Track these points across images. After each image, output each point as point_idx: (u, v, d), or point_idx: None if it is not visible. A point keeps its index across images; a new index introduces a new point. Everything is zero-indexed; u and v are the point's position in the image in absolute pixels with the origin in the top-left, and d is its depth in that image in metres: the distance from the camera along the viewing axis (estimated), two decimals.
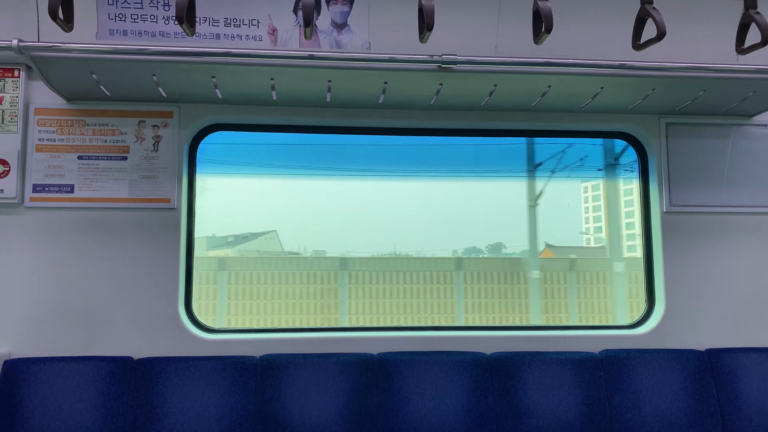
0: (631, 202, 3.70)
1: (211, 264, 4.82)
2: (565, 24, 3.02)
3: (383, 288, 4.84)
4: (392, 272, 4.83)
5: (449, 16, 2.98)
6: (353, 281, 4.77)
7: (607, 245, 4.92)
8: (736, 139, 3.30)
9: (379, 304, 4.78)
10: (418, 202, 4.61)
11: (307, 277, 4.67)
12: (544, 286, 4.82)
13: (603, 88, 2.83)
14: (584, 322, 4.92)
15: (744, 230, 3.26)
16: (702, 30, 3.09)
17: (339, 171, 4.12)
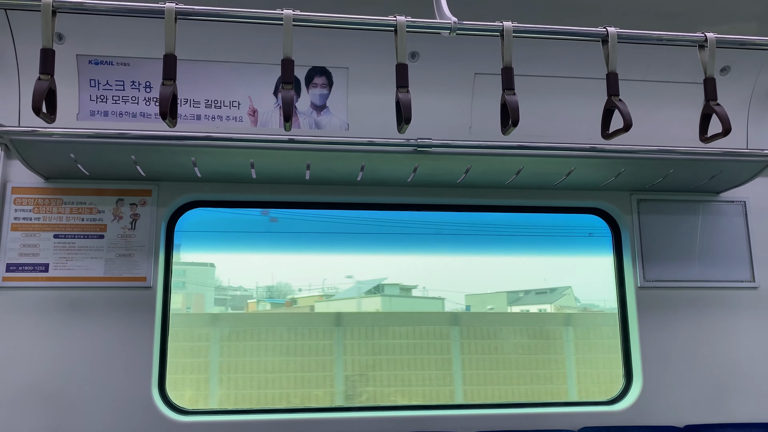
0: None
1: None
2: (537, 105, 3.13)
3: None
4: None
5: (425, 98, 3.06)
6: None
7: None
8: (705, 214, 3.38)
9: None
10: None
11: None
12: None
13: (575, 168, 2.92)
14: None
15: (717, 305, 3.31)
16: (671, 111, 3.21)
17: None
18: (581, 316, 5.38)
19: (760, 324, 3.32)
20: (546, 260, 4.92)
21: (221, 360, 4.38)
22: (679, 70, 3.11)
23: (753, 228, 3.39)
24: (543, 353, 4.64)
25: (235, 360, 4.39)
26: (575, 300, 5.90)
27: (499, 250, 4.47)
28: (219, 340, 4.45)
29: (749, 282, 3.33)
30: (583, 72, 3.04)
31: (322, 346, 4.45)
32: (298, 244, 4.31)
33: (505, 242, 4.38)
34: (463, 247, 4.45)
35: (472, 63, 3.03)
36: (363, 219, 3.89)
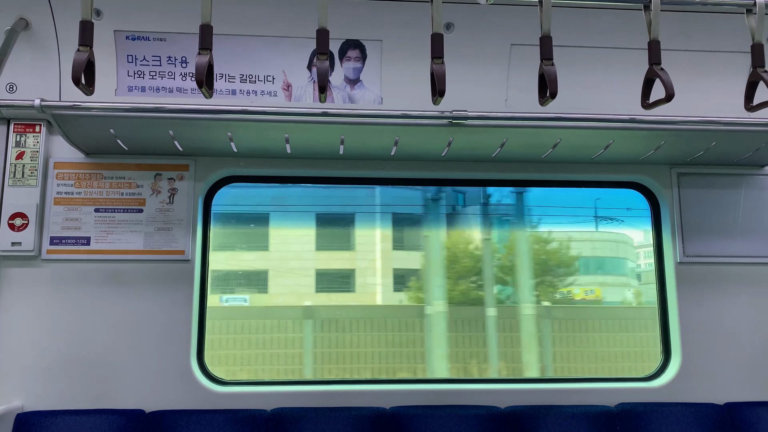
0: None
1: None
2: (575, 76, 3.06)
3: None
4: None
5: (460, 70, 3.02)
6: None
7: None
8: (749, 189, 3.29)
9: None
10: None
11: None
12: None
13: (613, 141, 2.85)
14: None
15: (758, 281, 3.23)
16: (714, 81, 3.12)
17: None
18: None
19: None
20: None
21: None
22: (724, 38, 3.01)
23: None
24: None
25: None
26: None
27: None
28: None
29: None
30: (623, 42, 2.97)
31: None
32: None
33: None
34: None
35: (508, 34, 2.98)
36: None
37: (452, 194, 4.51)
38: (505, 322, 4.48)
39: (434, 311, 4.46)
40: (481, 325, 4.45)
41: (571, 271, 5.17)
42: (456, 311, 4.46)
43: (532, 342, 4.37)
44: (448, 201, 4.53)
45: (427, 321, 4.41)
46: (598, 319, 4.86)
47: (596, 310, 5.20)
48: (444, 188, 4.25)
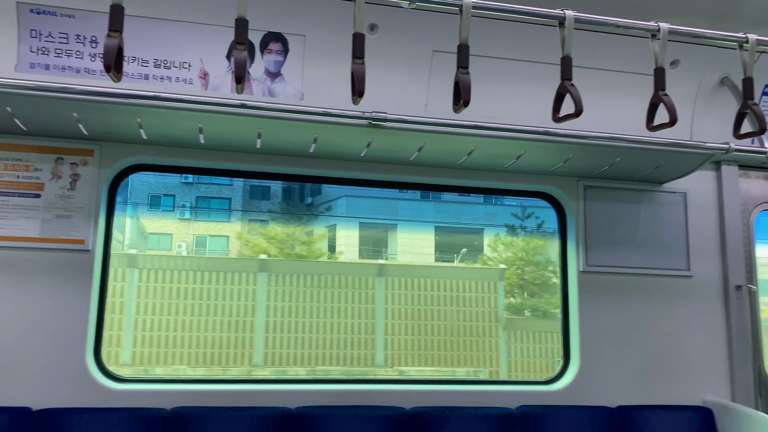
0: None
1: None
2: (494, 86, 3.14)
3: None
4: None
5: (383, 72, 3.04)
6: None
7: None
8: (648, 204, 3.49)
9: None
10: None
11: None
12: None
13: (525, 151, 2.95)
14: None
15: (654, 291, 3.42)
16: (621, 101, 3.28)
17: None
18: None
19: (693, 311, 3.45)
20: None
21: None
22: (632, 60, 3.18)
23: (691, 219, 3.51)
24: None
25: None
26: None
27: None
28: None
29: (685, 271, 3.46)
30: (540, 56, 3.07)
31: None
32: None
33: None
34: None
35: (431, 40, 3.01)
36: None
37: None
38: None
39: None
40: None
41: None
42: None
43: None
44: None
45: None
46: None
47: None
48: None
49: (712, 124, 3.42)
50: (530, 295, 9.20)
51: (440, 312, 5.54)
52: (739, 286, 3.48)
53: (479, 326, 5.62)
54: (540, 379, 3.34)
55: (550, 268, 8.10)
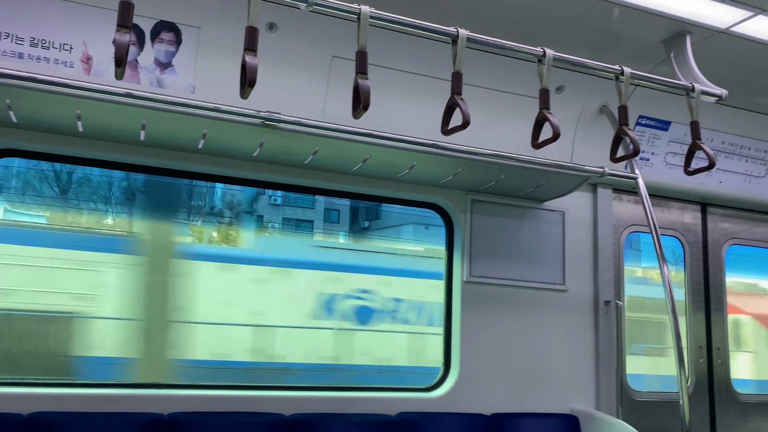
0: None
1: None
2: (391, 97, 3.19)
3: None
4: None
5: (281, 73, 3.00)
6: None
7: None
8: (530, 220, 3.66)
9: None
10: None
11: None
12: None
13: (417, 162, 3.01)
14: None
15: (532, 303, 3.59)
16: (509, 121, 3.43)
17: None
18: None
19: (566, 324, 3.66)
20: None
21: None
22: (520, 83, 3.33)
23: (568, 236, 3.72)
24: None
25: None
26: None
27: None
28: None
29: (560, 285, 3.66)
30: (436, 72, 3.15)
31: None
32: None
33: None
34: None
35: (331, 45, 3.01)
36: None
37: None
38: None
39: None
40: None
41: None
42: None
43: None
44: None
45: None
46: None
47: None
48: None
49: (590, 149, 3.65)
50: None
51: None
52: (608, 302, 3.73)
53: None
54: (419, 386, 3.40)
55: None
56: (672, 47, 3.16)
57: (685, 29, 3.05)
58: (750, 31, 3.02)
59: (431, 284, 4.94)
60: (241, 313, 5.89)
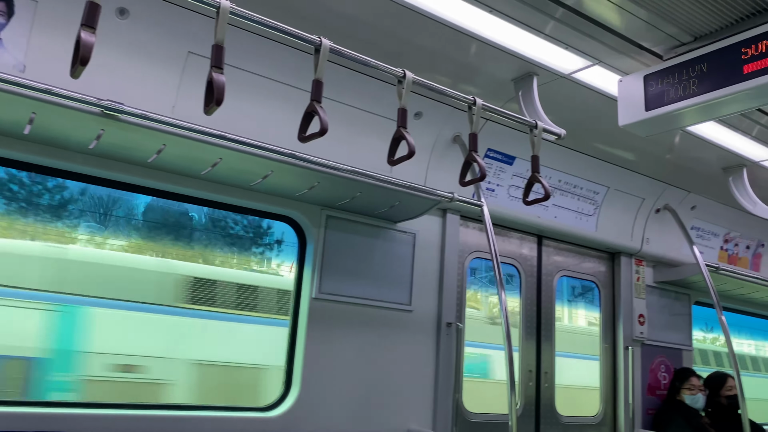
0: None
1: None
2: (247, 102, 3.08)
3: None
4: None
5: (130, 62, 2.78)
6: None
7: None
8: (384, 240, 3.70)
9: None
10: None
11: None
12: None
13: (273, 172, 2.92)
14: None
15: (379, 323, 3.61)
16: (370, 140, 3.46)
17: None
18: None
19: (410, 344, 3.71)
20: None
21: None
22: (381, 104, 3.38)
23: (417, 258, 3.81)
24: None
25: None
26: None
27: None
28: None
29: (407, 305, 3.72)
30: (297, 81, 3.10)
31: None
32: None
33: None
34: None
35: (187, 40, 2.86)
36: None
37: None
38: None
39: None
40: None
41: None
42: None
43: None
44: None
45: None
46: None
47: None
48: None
49: (442, 175, 3.78)
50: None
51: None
52: (450, 323, 3.85)
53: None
54: (258, 405, 3.26)
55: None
56: (520, 86, 3.38)
57: (532, 71, 3.28)
58: (588, 79, 3.32)
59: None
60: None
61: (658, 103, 3.01)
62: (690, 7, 2.67)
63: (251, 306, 4.43)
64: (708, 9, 2.68)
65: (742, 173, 4.46)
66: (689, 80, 2.87)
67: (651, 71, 3.06)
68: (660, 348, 5.06)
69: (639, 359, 4.86)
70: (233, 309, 4.37)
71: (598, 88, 3.39)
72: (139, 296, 4.00)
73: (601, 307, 4.94)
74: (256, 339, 4.28)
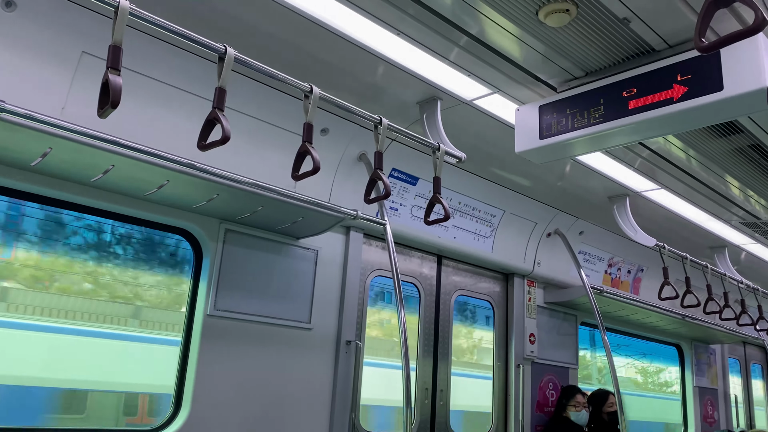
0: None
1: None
2: (146, 108, 2.95)
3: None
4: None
5: (16, 59, 2.59)
6: None
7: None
8: (285, 257, 3.64)
9: None
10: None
11: None
12: None
13: (169, 181, 2.80)
14: None
15: (277, 341, 3.53)
16: (276, 155, 3.40)
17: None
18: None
19: (309, 362, 3.66)
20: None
21: None
22: (286, 118, 3.35)
23: (319, 276, 3.78)
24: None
25: None
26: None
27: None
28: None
29: (306, 323, 3.67)
30: (200, 90, 3.01)
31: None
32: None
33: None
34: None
35: (81, 39, 2.70)
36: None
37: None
38: None
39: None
40: None
41: None
42: None
43: None
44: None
45: None
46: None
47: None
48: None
49: (347, 193, 3.79)
50: None
51: None
52: (349, 342, 3.83)
53: None
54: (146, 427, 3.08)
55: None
56: (425, 109, 3.46)
57: (437, 95, 3.37)
58: (489, 106, 3.45)
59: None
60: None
61: (552, 132, 3.18)
62: (582, 44, 2.85)
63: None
64: (598, 47, 2.87)
65: (625, 202, 4.79)
66: (580, 112, 3.06)
67: (546, 102, 3.23)
68: (549, 366, 5.30)
69: (529, 377, 5.06)
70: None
71: (497, 115, 3.53)
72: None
73: (494, 326, 5.11)
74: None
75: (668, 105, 2.75)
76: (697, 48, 1.72)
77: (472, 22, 2.70)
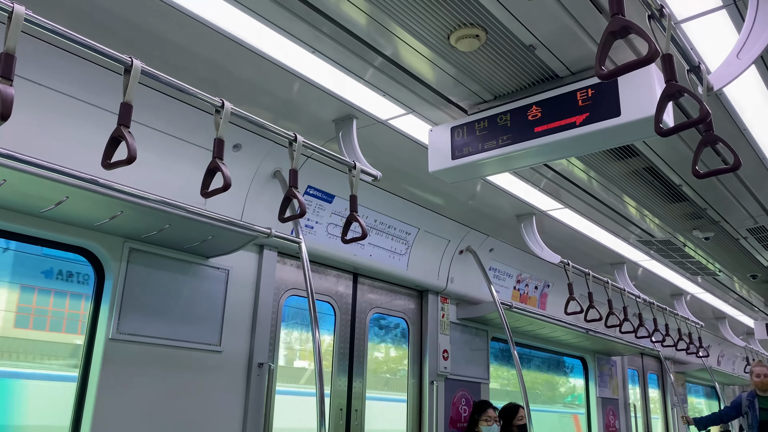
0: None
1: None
2: (43, 120, 2.78)
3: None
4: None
5: None
6: None
7: None
8: (194, 277, 3.50)
9: None
10: None
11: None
12: None
13: (68, 197, 2.64)
14: None
15: (185, 365, 3.38)
16: (186, 170, 3.29)
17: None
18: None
19: (219, 386, 3.52)
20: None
21: None
22: (197, 133, 3.25)
23: (230, 296, 3.66)
24: None
25: None
26: None
27: None
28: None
29: (216, 346, 3.54)
30: (105, 103, 2.87)
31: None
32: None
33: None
34: None
35: None
36: None
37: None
38: None
39: None
40: None
41: None
42: None
43: None
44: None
45: None
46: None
47: None
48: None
49: (260, 211, 3.72)
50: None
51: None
52: (262, 364, 3.73)
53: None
54: None
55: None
56: (341, 127, 3.46)
57: (353, 114, 3.39)
58: (403, 126, 3.50)
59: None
60: None
61: (463, 153, 3.26)
62: (490, 68, 2.95)
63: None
64: (505, 72, 2.99)
65: (532, 221, 4.99)
66: (490, 134, 3.16)
67: (457, 123, 3.32)
68: (461, 382, 5.39)
69: (443, 393, 5.12)
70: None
71: (411, 135, 3.59)
72: None
73: (409, 343, 5.15)
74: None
75: (571, 129, 2.89)
76: (597, 75, 1.82)
77: (386, 43, 2.74)
